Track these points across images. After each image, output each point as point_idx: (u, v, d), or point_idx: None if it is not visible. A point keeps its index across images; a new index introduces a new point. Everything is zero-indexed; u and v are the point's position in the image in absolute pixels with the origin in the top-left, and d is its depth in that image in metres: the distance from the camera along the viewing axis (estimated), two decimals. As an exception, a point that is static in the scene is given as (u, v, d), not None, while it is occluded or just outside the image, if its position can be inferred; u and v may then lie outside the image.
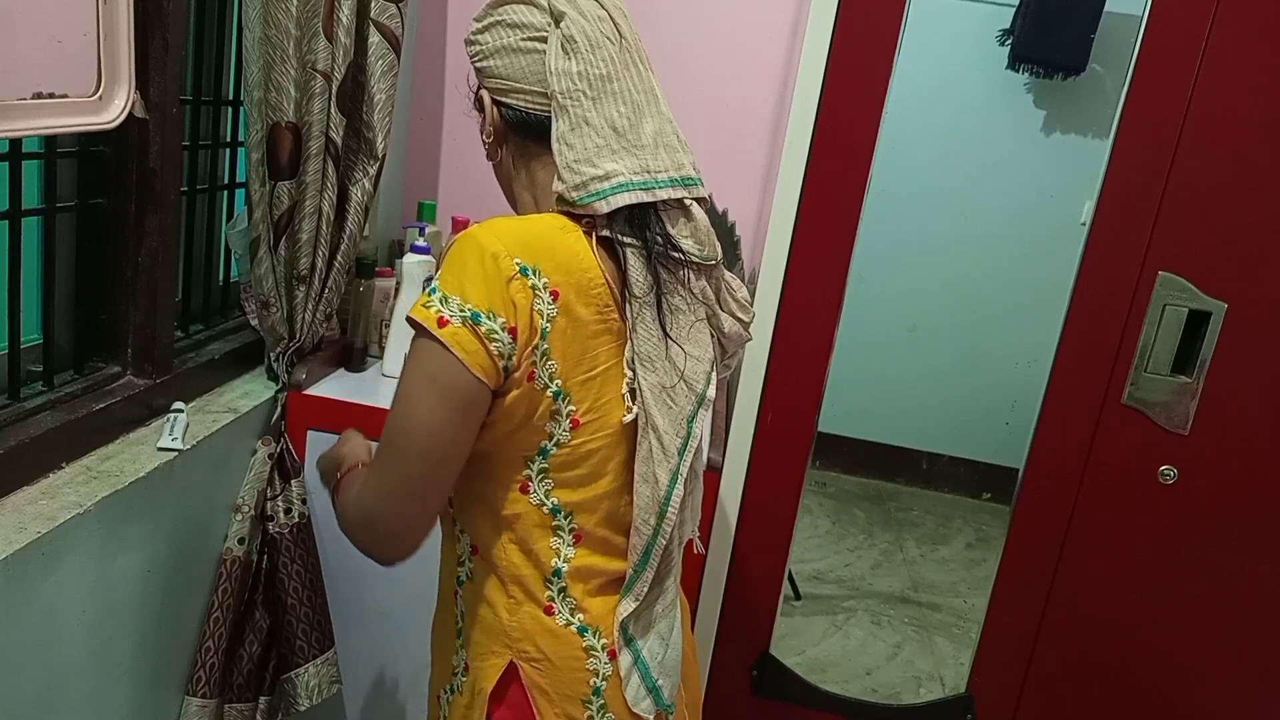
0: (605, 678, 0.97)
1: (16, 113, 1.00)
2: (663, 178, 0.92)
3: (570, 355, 0.89)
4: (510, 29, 0.94)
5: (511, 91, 0.95)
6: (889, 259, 3.12)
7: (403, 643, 1.67)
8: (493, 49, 0.95)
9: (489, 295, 0.84)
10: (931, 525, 3.36)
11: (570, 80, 0.90)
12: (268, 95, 1.40)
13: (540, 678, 0.96)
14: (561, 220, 0.92)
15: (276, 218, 1.46)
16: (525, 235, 0.88)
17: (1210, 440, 1.81)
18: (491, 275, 0.84)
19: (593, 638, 0.97)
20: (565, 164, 0.90)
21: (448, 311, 0.84)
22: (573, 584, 0.96)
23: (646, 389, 0.92)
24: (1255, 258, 1.74)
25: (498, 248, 0.85)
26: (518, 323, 0.85)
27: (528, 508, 0.94)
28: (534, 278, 0.86)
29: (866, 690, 2.37)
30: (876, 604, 2.82)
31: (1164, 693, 1.95)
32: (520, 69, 0.94)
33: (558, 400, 0.90)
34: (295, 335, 1.55)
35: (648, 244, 0.91)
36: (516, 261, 0.85)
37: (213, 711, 1.47)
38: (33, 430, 1.17)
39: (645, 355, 0.92)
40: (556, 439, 0.92)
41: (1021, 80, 3.11)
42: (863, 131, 1.81)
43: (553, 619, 0.96)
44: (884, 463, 3.52)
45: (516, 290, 0.85)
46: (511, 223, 0.91)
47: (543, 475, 0.93)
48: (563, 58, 0.91)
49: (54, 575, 1.11)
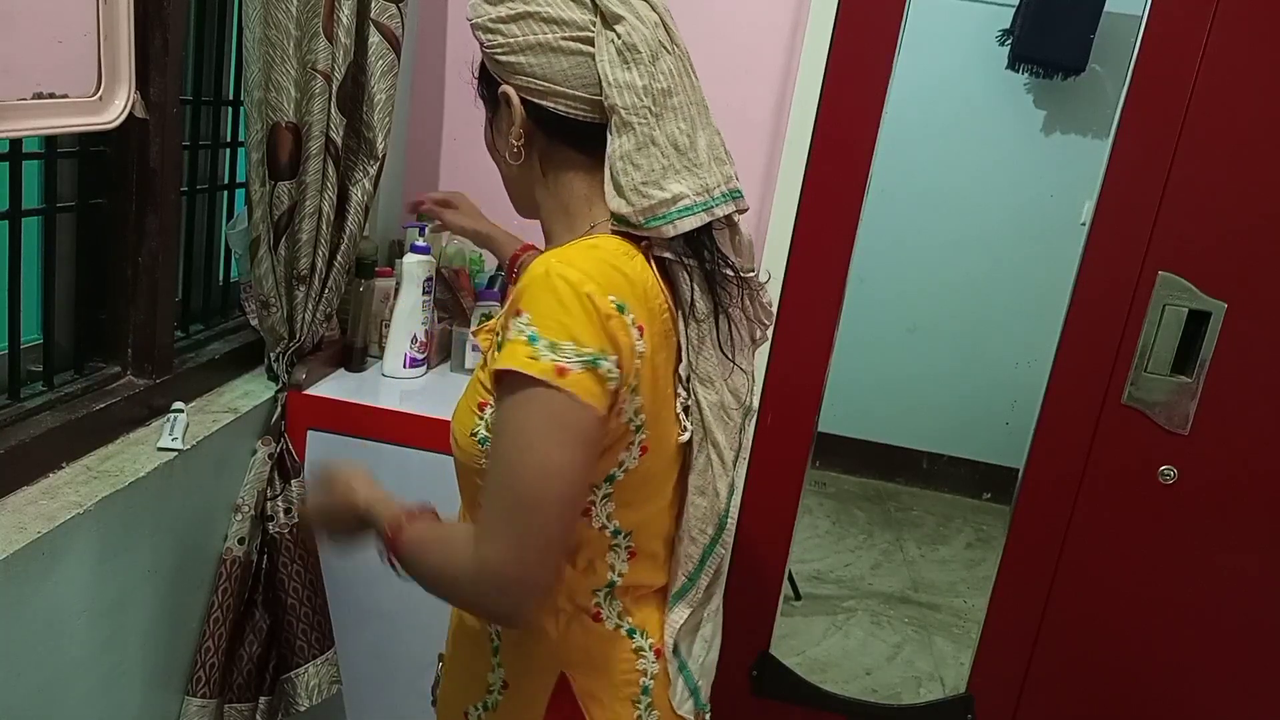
0: (653, 676, 0.98)
1: (16, 113, 1.00)
2: (718, 194, 0.90)
3: (652, 388, 0.87)
4: (547, 24, 0.87)
5: (550, 94, 0.88)
6: (889, 259, 3.12)
7: (403, 643, 1.67)
8: (524, 44, 0.87)
9: (598, 336, 0.80)
10: (931, 525, 3.36)
11: (635, 95, 0.85)
12: (268, 95, 1.40)
13: (591, 684, 0.96)
14: (624, 245, 0.88)
15: (276, 218, 1.46)
16: (610, 271, 0.83)
17: (1210, 440, 1.81)
18: (593, 315, 0.80)
19: (641, 639, 0.98)
20: (632, 186, 0.86)
21: (564, 360, 0.79)
22: (621, 594, 0.97)
23: (706, 407, 0.91)
24: (1255, 258, 1.74)
25: (591, 287, 0.80)
26: (622, 360, 0.82)
27: (588, 531, 0.92)
28: (627, 315, 0.82)
29: (866, 690, 2.37)
30: (876, 604, 2.82)
31: (1164, 692, 1.95)
32: (561, 71, 0.87)
33: (637, 432, 0.88)
34: (295, 335, 1.55)
35: (704, 265, 0.90)
36: (613, 300, 0.81)
37: (213, 711, 1.47)
38: (33, 430, 1.17)
39: (706, 375, 0.91)
40: (626, 466, 0.89)
41: (1021, 80, 3.11)
42: (863, 131, 1.81)
43: (601, 624, 0.96)
44: (884, 463, 3.53)
45: (616, 329, 0.81)
46: (589, 256, 0.84)
47: (606, 499, 0.91)
48: (622, 68, 0.85)
49: (54, 575, 1.11)
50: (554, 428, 0.80)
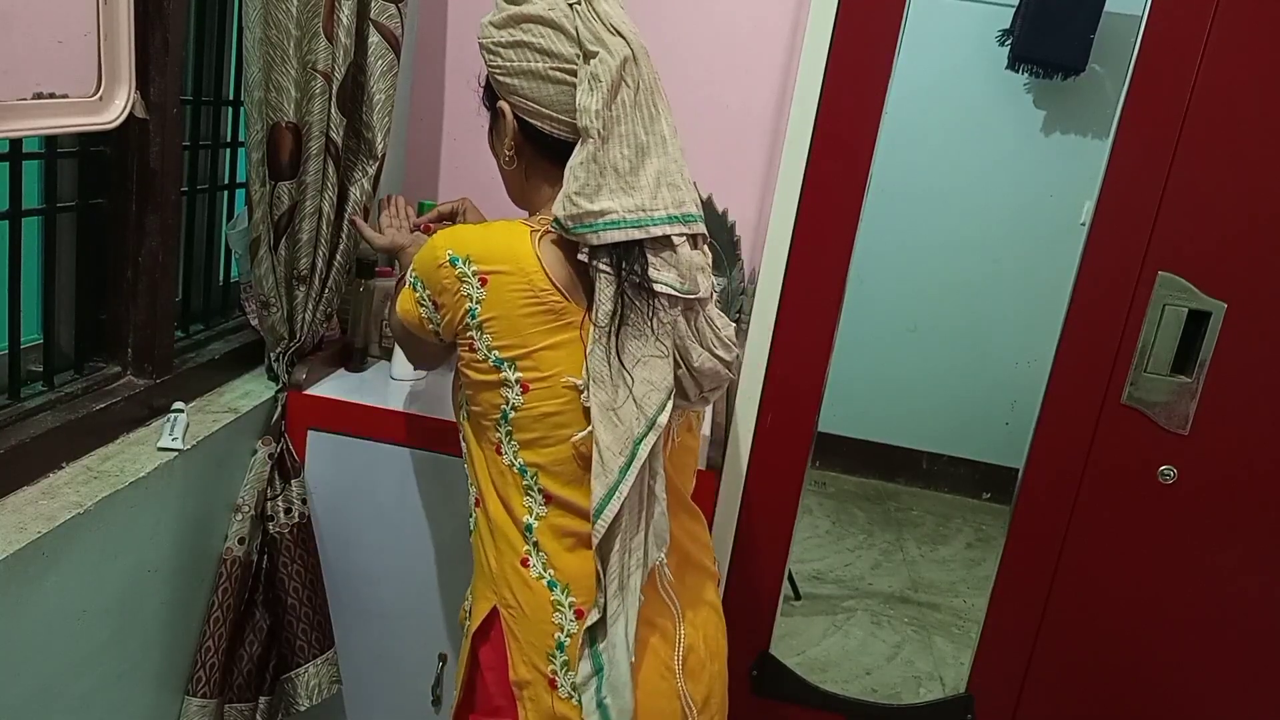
0: (570, 634, 1.04)
1: (16, 113, 1.00)
2: (659, 215, 1.01)
3: (511, 333, 1.03)
4: (539, 55, 1.01)
5: (537, 115, 1.05)
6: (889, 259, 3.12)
7: (403, 643, 1.67)
8: (519, 70, 1.03)
9: (425, 273, 1.08)
10: (931, 525, 3.36)
11: (589, 118, 0.98)
12: (268, 95, 1.40)
13: (514, 624, 1.07)
14: (515, 226, 1.06)
15: (276, 218, 1.46)
16: (470, 237, 1.05)
17: (1210, 440, 1.81)
18: (430, 261, 1.06)
19: (560, 594, 1.05)
20: (568, 194, 0.99)
21: (407, 277, 1.12)
22: (544, 539, 1.06)
23: (595, 405, 1.00)
24: (1255, 258, 1.74)
25: (439, 241, 1.06)
26: (442, 298, 1.06)
27: (503, 468, 1.08)
28: (464, 266, 1.03)
29: (866, 690, 2.37)
30: (876, 604, 2.82)
31: (1164, 692, 1.95)
32: (549, 96, 1.03)
33: (501, 368, 1.04)
34: (295, 335, 1.55)
35: (620, 276, 1.00)
36: (449, 253, 1.04)
37: (213, 711, 1.47)
38: (33, 430, 1.17)
39: (597, 374, 1.00)
40: (512, 403, 1.05)
41: (1021, 80, 3.11)
42: (863, 131, 1.81)
43: (528, 570, 1.07)
44: (884, 463, 3.52)
45: (443, 275, 1.05)
46: (466, 228, 1.10)
47: (509, 437, 1.07)
48: (586, 94, 0.98)
49: (54, 575, 1.11)
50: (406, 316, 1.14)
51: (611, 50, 0.99)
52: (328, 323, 1.64)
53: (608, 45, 0.99)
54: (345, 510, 1.62)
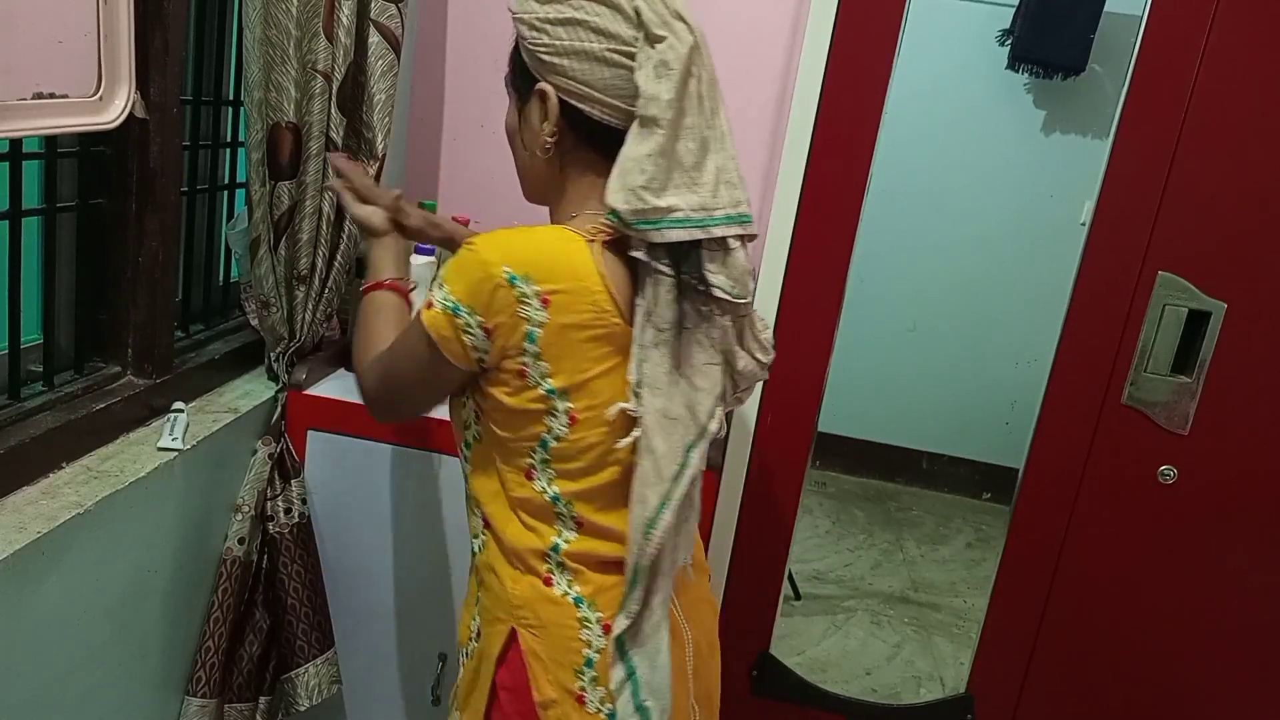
0: (598, 650, 1.01)
1: (16, 113, 1.00)
2: (719, 215, 0.95)
3: (567, 358, 0.95)
4: (595, 34, 0.93)
5: (587, 99, 0.95)
6: (889, 259, 3.12)
7: (403, 643, 1.67)
8: (570, 49, 0.94)
9: (471, 295, 0.93)
10: (931, 525, 3.36)
11: (660, 108, 0.91)
12: (268, 95, 1.40)
13: (536, 644, 1.01)
14: (564, 232, 0.97)
15: (276, 218, 1.46)
16: (523, 247, 0.94)
17: (1210, 440, 1.81)
18: (478, 279, 0.93)
19: (587, 609, 1.01)
20: (632, 187, 0.91)
21: (435, 298, 0.96)
22: (571, 560, 1.01)
23: (649, 413, 0.95)
24: (1255, 258, 1.74)
25: (489, 255, 0.93)
26: (497, 324, 0.93)
27: (532, 493, 1.01)
28: (525, 285, 0.92)
29: (866, 690, 2.37)
30: (876, 604, 2.82)
31: (1164, 692, 1.95)
32: (602, 79, 0.94)
33: (553, 398, 0.96)
34: (295, 335, 1.55)
35: (679, 276, 0.94)
36: (506, 270, 0.92)
37: (213, 711, 1.47)
38: (33, 430, 1.17)
39: (653, 381, 0.95)
40: (555, 433, 0.98)
41: (1021, 80, 3.11)
42: (863, 131, 1.81)
43: (551, 589, 1.02)
44: (884, 463, 3.53)
45: (501, 296, 0.92)
46: (510, 234, 0.95)
47: (545, 465, 1.00)
48: (655, 81, 0.91)
49: (54, 575, 1.11)
50: (411, 350, 1.01)
51: (679, 36, 0.93)
52: (328, 323, 1.64)
53: (675, 31, 0.93)
54: (345, 510, 1.62)
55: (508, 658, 1.03)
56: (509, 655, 1.03)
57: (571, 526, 1.01)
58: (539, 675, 1.01)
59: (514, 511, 1.02)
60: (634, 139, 0.92)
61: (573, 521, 1.01)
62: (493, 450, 1.02)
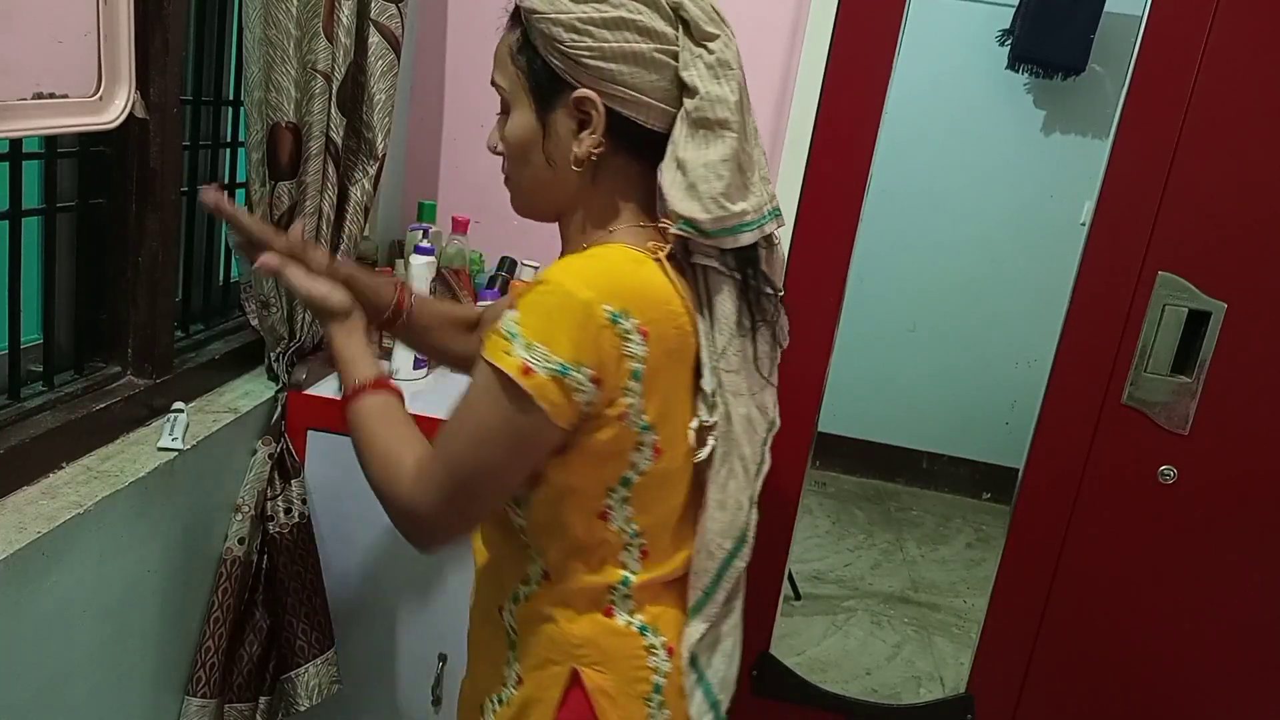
0: (665, 675, 0.98)
1: (16, 113, 1.00)
2: (765, 211, 0.93)
3: (659, 390, 0.89)
4: (643, 35, 0.86)
5: (635, 104, 0.88)
6: (889, 259, 3.12)
7: (403, 643, 1.67)
8: (619, 52, 0.86)
9: (577, 348, 0.82)
10: (931, 525, 3.36)
11: (729, 110, 0.87)
12: (268, 95, 1.40)
13: (603, 680, 0.96)
14: (630, 253, 0.90)
15: (276, 218, 1.46)
16: (614, 278, 0.86)
17: (1210, 440, 1.81)
18: (582, 325, 0.82)
19: (652, 636, 0.98)
20: (712, 194, 0.87)
21: (532, 361, 0.82)
22: (635, 592, 0.97)
23: (736, 420, 0.94)
24: (1255, 258, 1.74)
25: (588, 295, 0.82)
26: (604, 372, 0.84)
27: (606, 533, 0.94)
28: (626, 320, 0.84)
29: (866, 690, 2.37)
30: (876, 604, 2.82)
31: (1164, 692, 1.95)
32: (650, 82, 0.88)
33: (644, 433, 0.90)
34: (295, 335, 1.55)
35: (748, 280, 0.92)
36: (607, 309, 0.83)
37: (213, 711, 1.47)
38: (33, 430, 1.17)
39: (736, 388, 0.93)
40: (640, 468, 0.91)
41: (1021, 80, 3.11)
42: (863, 131, 1.81)
43: (613, 620, 0.97)
44: (884, 463, 3.53)
45: (606, 339, 0.83)
46: (593, 265, 0.87)
47: (624, 503, 0.93)
48: (715, 82, 0.87)
49: (54, 575, 1.11)
50: (506, 426, 0.85)
51: (730, 35, 0.88)
52: (328, 323, 1.64)
53: (725, 30, 0.88)
54: (345, 510, 1.62)
55: (568, 700, 0.97)
56: (570, 698, 0.97)
57: (638, 558, 0.96)
58: (609, 712, 0.96)
59: (580, 557, 0.95)
60: (696, 143, 0.87)
61: (639, 552, 0.96)
62: (560, 501, 0.92)
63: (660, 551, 0.98)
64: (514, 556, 0.99)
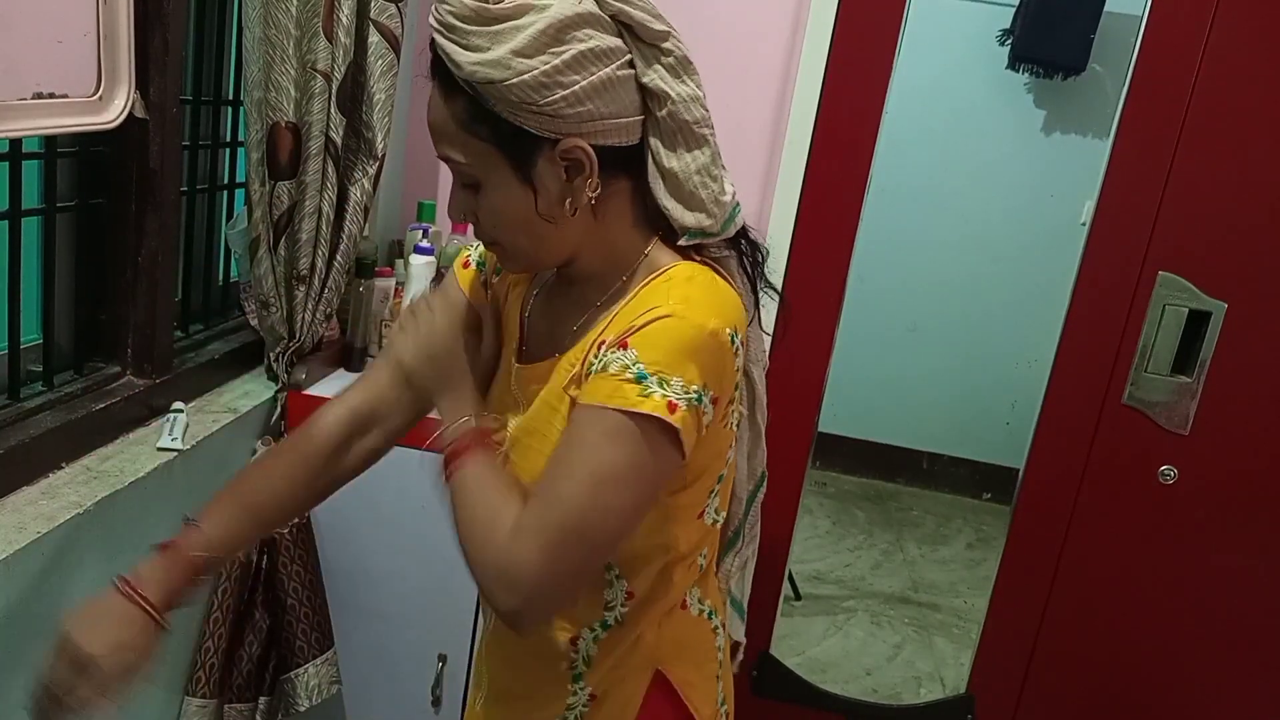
0: (720, 649, 1.02)
1: (16, 113, 1.00)
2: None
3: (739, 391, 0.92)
4: (600, 59, 0.80)
5: (615, 131, 0.83)
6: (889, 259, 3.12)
7: (403, 643, 1.67)
8: (590, 90, 0.79)
9: (705, 373, 0.80)
10: (932, 525, 3.36)
11: (701, 107, 0.85)
12: (268, 95, 1.40)
13: (687, 673, 0.97)
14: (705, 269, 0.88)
15: (276, 218, 1.46)
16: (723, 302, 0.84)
17: (1210, 440, 1.81)
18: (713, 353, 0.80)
19: (715, 619, 1.02)
20: (713, 198, 0.86)
21: (674, 396, 0.78)
22: (701, 575, 0.99)
23: (758, 379, 1.00)
24: (1255, 258, 1.74)
25: (715, 324, 0.80)
26: (721, 390, 0.83)
27: (703, 530, 0.94)
28: (737, 340, 0.83)
29: (867, 690, 2.37)
30: (876, 604, 2.82)
31: (1164, 692, 1.95)
32: (621, 102, 0.82)
33: (736, 429, 0.92)
34: (295, 335, 1.55)
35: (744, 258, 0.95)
36: (729, 332, 0.82)
37: (213, 711, 1.47)
38: (33, 430, 1.17)
39: (755, 355, 1.00)
40: (729, 460, 0.93)
41: (1021, 80, 3.11)
42: (863, 131, 1.81)
43: (687, 611, 0.98)
44: (884, 463, 3.52)
45: (728, 361, 0.82)
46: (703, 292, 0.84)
47: (714, 495, 0.93)
48: (679, 82, 0.83)
49: (54, 575, 1.11)
50: (640, 468, 0.79)
51: (673, 27, 0.84)
52: (327, 323, 1.64)
53: (665, 19, 0.84)
54: (345, 510, 1.62)
55: (649, 700, 0.95)
56: (651, 697, 0.95)
57: (713, 540, 0.99)
58: (696, 701, 0.96)
59: (681, 564, 0.93)
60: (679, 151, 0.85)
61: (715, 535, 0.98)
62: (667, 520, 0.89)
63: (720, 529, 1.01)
64: (593, 586, 0.92)
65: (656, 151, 0.85)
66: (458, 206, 0.88)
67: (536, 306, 0.97)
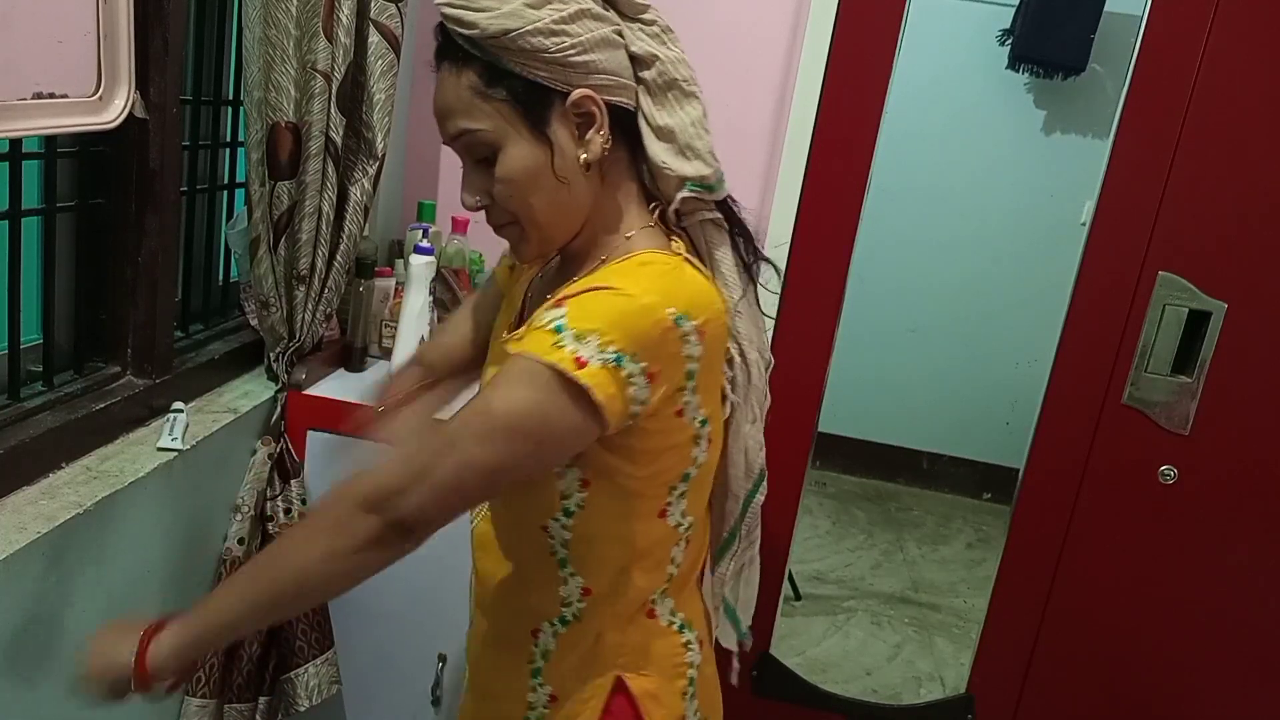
0: (697, 666, 1.00)
1: (16, 113, 1.00)
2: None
3: (711, 385, 0.90)
4: (597, 20, 0.85)
5: (618, 89, 0.87)
6: (889, 259, 3.12)
7: (403, 643, 1.67)
8: (594, 40, 0.85)
9: (635, 341, 0.79)
10: (932, 525, 3.36)
11: (688, 68, 0.90)
12: (268, 95, 1.40)
13: (647, 682, 0.97)
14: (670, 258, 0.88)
15: (276, 218, 1.46)
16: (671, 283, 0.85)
17: (1210, 440, 1.81)
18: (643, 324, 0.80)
19: (689, 632, 1.00)
20: (709, 149, 0.90)
21: (585, 352, 0.78)
22: (674, 586, 0.99)
23: (752, 365, 0.97)
24: (1255, 258, 1.74)
25: (651, 299, 0.81)
26: (661, 372, 0.82)
27: (665, 530, 0.94)
28: (686, 323, 0.82)
29: (867, 690, 2.37)
30: (876, 604, 2.82)
31: (1164, 692, 1.95)
32: (620, 64, 0.87)
33: (702, 427, 0.90)
34: (295, 335, 1.55)
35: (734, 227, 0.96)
36: (670, 312, 0.81)
37: (212, 711, 1.47)
38: (33, 430, 1.17)
39: (748, 336, 0.96)
40: (699, 462, 0.92)
41: (1021, 80, 3.11)
42: (863, 131, 1.81)
43: (656, 620, 0.97)
44: (884, 463, 3.52)
45: (669, 340, 0.82)
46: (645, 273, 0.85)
47: (681, 497, 0.93)
48: (664, 46, 0.89)
49: (54, 575, 1.11)
50: (541, 417, 0.80)
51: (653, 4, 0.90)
52: (327, 323, 1.64)
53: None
54: (345, 510, 1.62)
55: (612, 707, 0.96)
56: (613, 705, 0.96)
57: (683, 548, 0.96)
58: (654, 713, 0.96)
59: (638, 563, 0.94)
60: (670, 107, 0.89)
61: (684, 542, 0.96)
62: (611, 507, 0.90)
63: (698, 536, 1.00)
64: (546, 580, 0.95)
65: (650, 114, 0.89)
66: (472, 187, 0.91)
67: (537, 285, 1.02)
